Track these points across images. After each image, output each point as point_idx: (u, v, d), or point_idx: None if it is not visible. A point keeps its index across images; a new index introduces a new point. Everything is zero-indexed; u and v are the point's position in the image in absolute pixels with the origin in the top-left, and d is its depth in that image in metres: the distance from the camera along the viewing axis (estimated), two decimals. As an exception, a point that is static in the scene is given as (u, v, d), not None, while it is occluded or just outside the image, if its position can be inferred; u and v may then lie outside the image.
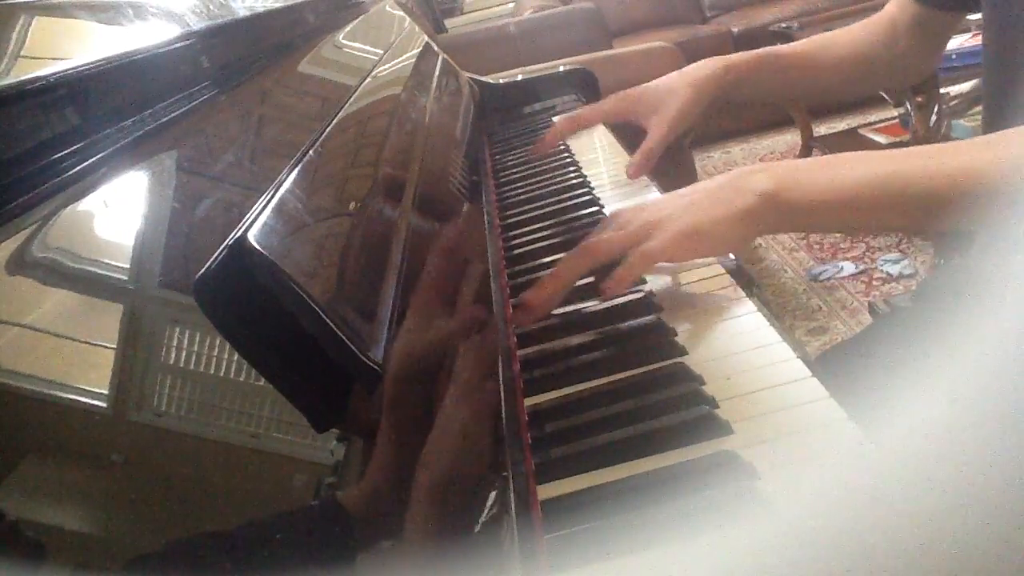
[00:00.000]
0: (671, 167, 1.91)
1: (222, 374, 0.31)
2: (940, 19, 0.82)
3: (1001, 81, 0.69)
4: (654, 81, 0.85)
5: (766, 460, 0.41)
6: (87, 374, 0.27)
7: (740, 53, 0.86)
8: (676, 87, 0.82)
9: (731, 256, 0.66)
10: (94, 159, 0.34)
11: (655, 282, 0.63)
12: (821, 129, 2.98)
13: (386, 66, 0.86)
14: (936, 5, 0.80)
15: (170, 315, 0.32)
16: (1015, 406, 0.29)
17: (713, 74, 0.83)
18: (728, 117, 3.24)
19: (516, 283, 0.69)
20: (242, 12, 0.61)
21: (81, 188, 0.32)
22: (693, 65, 0.85)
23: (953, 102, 2.04)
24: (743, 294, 0.59)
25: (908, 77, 0.93)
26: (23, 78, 0.31)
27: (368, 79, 0.74)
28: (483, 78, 1.35)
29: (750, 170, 0.58)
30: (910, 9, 0.82)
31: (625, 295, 0.61)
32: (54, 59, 0.35)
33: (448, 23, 4.06)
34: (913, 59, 0.86)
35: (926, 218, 0.53)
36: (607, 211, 0.80)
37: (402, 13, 1.30)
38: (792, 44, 0.89)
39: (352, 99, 0.65)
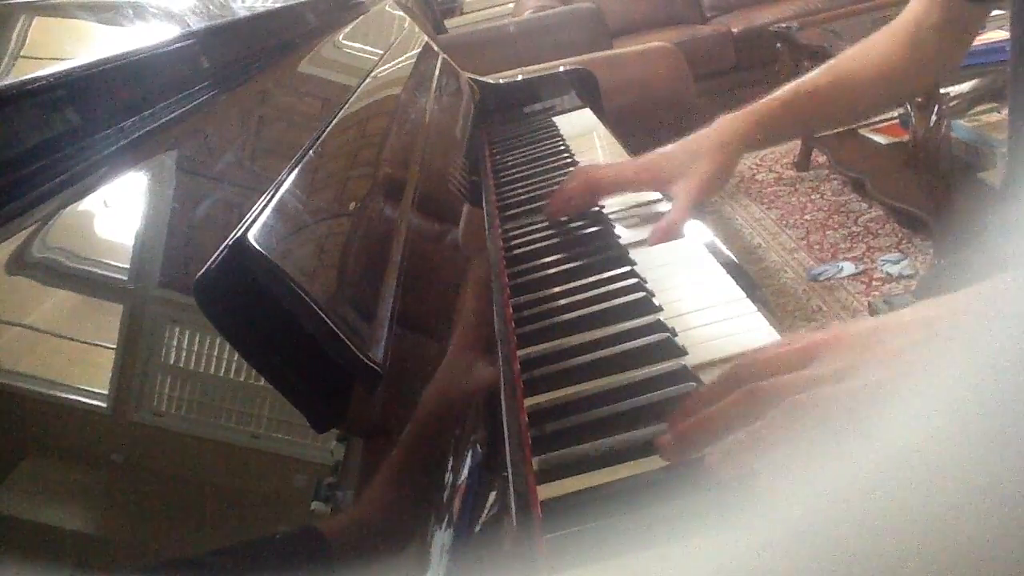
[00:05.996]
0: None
1: (222, 374, 0.31)
2: (970, 12, 0.79)
3: None
4: (677, 144, 0.77)
5: (765, 460, 0.40)
6: (87, 374, 0.27)
7: (764, 101, 0.79)
8: (703, 150, 0.75)
9: (731, 256, 0.66)
10: (94, 159, 0.34)
11: (654, 282, 0.63)
12: (821, 129, 2.98)
13: (386, 66, 0.86)
14: None
15: (170, 315, 0.32)
16: (1016, 405, 0.29)
17: (742, 133, 0.76)
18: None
19: (516, 283, 0.69)
20: (242, 12, 0.61)
21: (81, 188, 0.32)
22: (719, 124, 0.76)
23: (953, 102, 2.03)
24: (743, 295, 0.59)
25: (935, 78, 0.89)
26: (23, 78, 0.31)
27: (368, 79, 0.74)
28: (483, 78, 1.35)
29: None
30: (937, 7, 0.79)
31: (625, 295, 0.61)
32: (54, 59, 0.35)
33: (448, 23, 4.06)
34: (941, 59, 0.82)
35: None
36: (606, 211, 0.80)
37: (402, 13, 1.30)
38: (814, 76, 0.82)
39: (352, 99, 0.65)
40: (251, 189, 0.41)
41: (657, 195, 0.82)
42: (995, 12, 0.76)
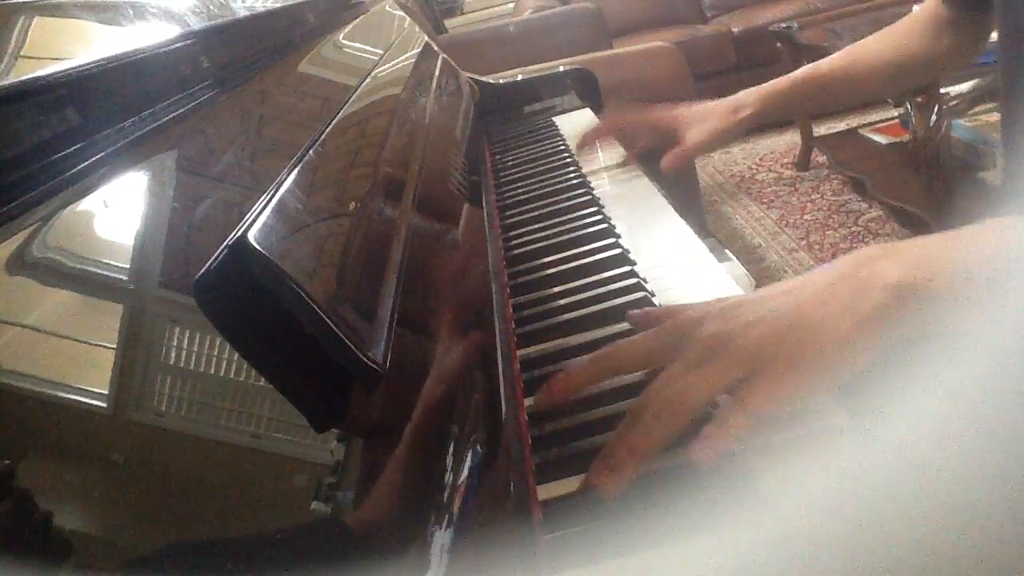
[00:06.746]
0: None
1: (222, 374, 0.31)
2: (976, 20, 0.82)
3: (1016, 75, 0.69)
4: (696, 103, 0.87)
5: (765, 460, 0.41)
6: (87, 374, 0.27)
7: (782, 78, 0.87)
8: (719, 110, 0.84)
9: (729, 255, 0.66)
10: (94, 159, 0.34)
11: (654, 281, 0.63)
12: (821, 129, 2.98)
13: (386, 66, 0.86)
14: (968, 8, 0.80)
15: (170, 315, 0.32)
16: (1013, 405, 0.29)
17: (754, 102, 0.84)
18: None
19: (516, 283, 0.69)
20: (242, 12, 0.61)
21: (81, 188, 0.32)
22: (737, 96, 0.86)
23: (953, 102, 2.04)
24: (743, 294, 0.59)
25: (947, 71, 0.95)
26: (23, 78, 0.31)
27: (368, 79, 0.74)
28: (483, 78, 1.35)
29: (868, 256, 0.43)
30: (946, 11, 0.83)
31: (625, 295, 0.61)
32: (54, 59, 0.35)
33: (448, 23, 4.06)
34: (953, 55, 0.86)
35: None
36: (607, 211, 0.80)
37: (402, 13, 1.30)
38: (832, 58, 0.88)
39: (352, 99, 0.65)
40: (251, 189, 0.41)
41: (654, 185, 0.87)
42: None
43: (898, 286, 0.40)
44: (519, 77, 1.37)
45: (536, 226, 0.81)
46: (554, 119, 1.24)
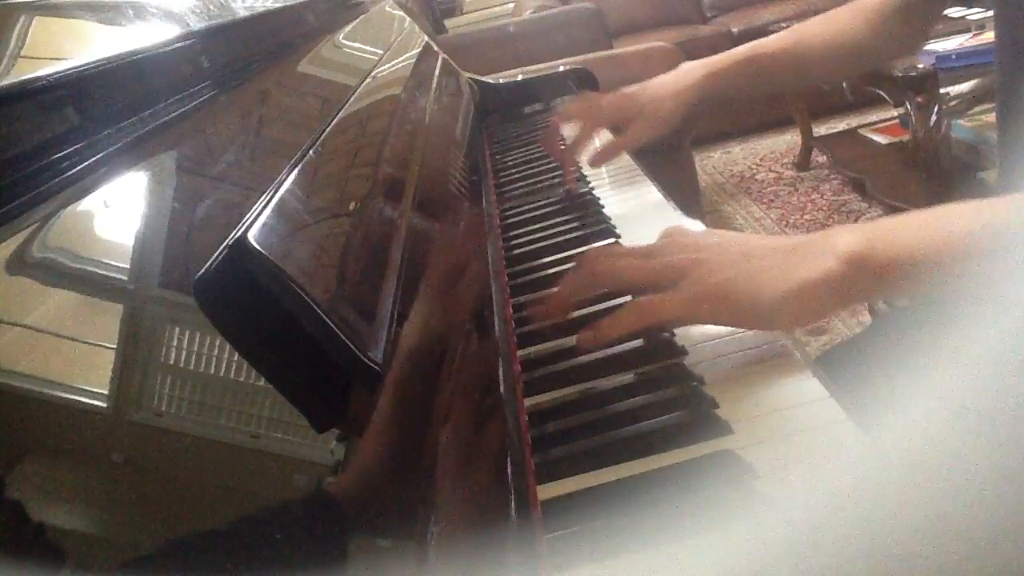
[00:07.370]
0: (671, 167, 1.91)
1: (222, 374, 0.31)
2: (925, 7, 0.83)
3: (1014, 75, 0.69)
4: (644, 84, 0.86)
5: (766, 460, 0.41)
6: (87, 374, 0.27)
7: (724, 55, 0.86)
8: (661, 96, 0.84)
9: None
10: (94, 159, 0.34)
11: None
12: (821, 129, 2.98)
13: (386, 66, 0.86)
14: None
15: (170, 315, 0.32)
16: (1014, 405, 0.29)
17: (695, 83, 0.84)
18: (728, 117, 3.24)
19: (516, 283, 0.69)
20: (242, 12, 0.61)
21: (81, 188, 0.32)
22: (678, 71, 0.85)
23: (953, 102, 2.03)
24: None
25: (892, 58, 0.95)
26: (23, 78, 0.31)
27: (368, 79, 0.74)
28: (483, 78, 1.35)
29: (833, 231, 0.46)
30: None
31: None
32: (54, 59, 0.35)
33: (448, 23, 4.06)
34: (899, 43, 0.86)
35: None
36: (606, 211, 0.80)
37: (402, 13, 1.30)
38: (776, 38, 0.87)
39: (352, 99, 0.65)
40: (251, 189, 0.41)
41: (652, 184, 0.87)
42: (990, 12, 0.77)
43: (850, 254, 0.44)
44: (519, 77, 1.37)
45: (536, 226, 0.81)
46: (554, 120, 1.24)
